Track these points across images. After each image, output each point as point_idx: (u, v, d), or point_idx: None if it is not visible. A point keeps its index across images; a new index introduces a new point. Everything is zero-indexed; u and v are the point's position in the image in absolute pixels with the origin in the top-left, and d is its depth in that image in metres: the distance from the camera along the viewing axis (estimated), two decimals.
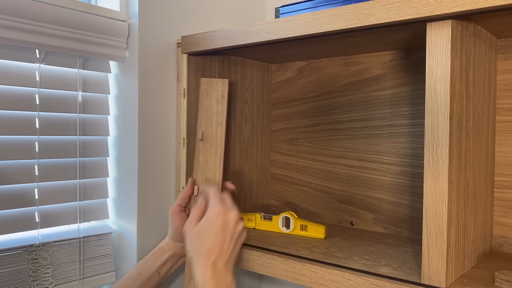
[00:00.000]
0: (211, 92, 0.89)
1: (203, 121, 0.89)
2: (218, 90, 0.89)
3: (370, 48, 0.95)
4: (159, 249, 0.88)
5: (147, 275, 0.85)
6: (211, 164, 0.87)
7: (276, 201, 1.19)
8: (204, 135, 0.88)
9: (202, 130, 0.88)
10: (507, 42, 0.84)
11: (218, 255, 0.73)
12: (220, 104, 0.88)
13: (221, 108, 0.88)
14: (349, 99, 1.04)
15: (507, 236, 0.84)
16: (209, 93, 0.89)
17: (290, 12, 0.87)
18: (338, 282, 0.73)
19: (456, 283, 0.67)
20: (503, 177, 0.84)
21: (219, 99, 0.88)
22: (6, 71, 0.82)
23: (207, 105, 0.89)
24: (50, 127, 0.89)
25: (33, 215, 0.87)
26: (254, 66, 1.13)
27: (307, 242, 0.90)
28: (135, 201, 0.94)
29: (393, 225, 0.98)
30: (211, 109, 0.89)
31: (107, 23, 0.92)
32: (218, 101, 0.88)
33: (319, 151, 1.10)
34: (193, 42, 0.93)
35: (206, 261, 0.72)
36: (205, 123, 0.89)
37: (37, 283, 0.86)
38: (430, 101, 0.65)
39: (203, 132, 0.88)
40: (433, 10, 0.62)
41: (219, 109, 0.88)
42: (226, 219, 0.76)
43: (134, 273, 0.85)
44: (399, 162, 0.97)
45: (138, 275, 0.84)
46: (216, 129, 0.88)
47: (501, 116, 0.84)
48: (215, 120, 0.88)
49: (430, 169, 0.65)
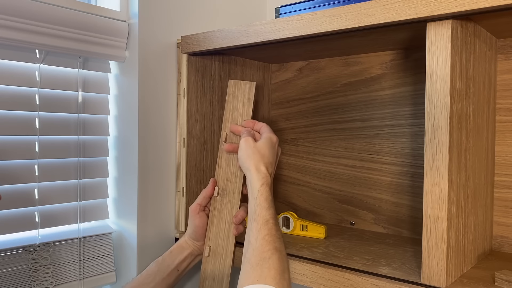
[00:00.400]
0: (238, 94, 0.90)
1: (228, 123, 0.89)
2: (245, 93, 0.90)
3: (370, 48, 0.95)
4: (178, 247, 0.89)
5: (166, 272, 0.86)
6: (233, 166, 0.88)
7: (276, 201, 1.19)
8: (228, 136, 0.88)
9: (226, 132, 0.89)
10: (507, 42, 0.84)
11: (273, 171, 0.82)
12: (246, 107, 0.89)
13: (246, 111, 0.89)
14: (349, 99, 1.04)
15: (507, 236, 0.84)
16: (236, 95, 0.90)
17: (290, 12, 0.87)
18: (338, 282, 0.73)
19: (456, 283, 0.67)
20: (503, 177, 0.84)
21: (245, 102, 0.89)
22: (6, 71, 0.82)
23: (233, 106, 0.90)
24: (50, 127, 0.89)
25: (33, 215, 0.87)
26: (254, 66, 1.13)
27: (307, 242, 0.90)
28: (135, 201, 0.94)
29: (393, 225, 0.98)
30: (237, 111, 0.89)
31: (107, 23, 0.92)
32: (244, 104, 0.89)
33: (319, 151, 1.10)
34: (193, 42, 0.93)
35: (266, 172, 0.79)
36: (230, 125, 0.89)
37: (37, 283, 0.86)
38: (430, 101, 0.65)
39: (227, 134, 0.89)
40: (433, 10, 0.62)
41: (245, 111, 0.89)
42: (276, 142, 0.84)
43: (153, 270, 0.86)
44: (399, 162, 0.97)
45: (157, 271, 0.85)
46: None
47: (501, 116, 0.84)
48: (240, 122, 0.89)
49: (430, 169, 0.65)
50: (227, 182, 0.87)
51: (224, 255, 0.85)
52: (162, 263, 0.86)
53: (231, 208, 0.86)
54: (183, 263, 0.88)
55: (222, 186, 0.88)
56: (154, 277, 0.85)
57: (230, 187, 0.87)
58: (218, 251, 0.85)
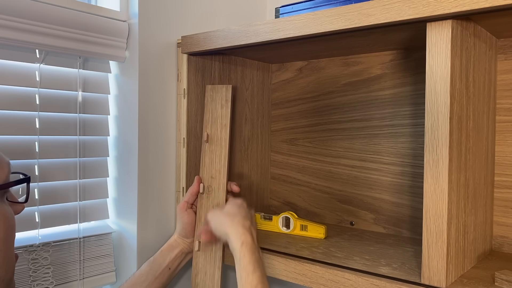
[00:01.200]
0: (216, 98, 0.95)
1: (208, 124, 0.94)
2: (222, 95, 0.94)
3: (370, 48, 0.95)
4: (168, 246, 0.91)
5: (158, 271, 0.87)
6: (216, 164, 0.91)
7: (276, 201, 1.19)
8: (210, 137, 0.93)
9: (207, 132, 0.93)
10: (507, 42, 0.84)
11: (251, 225, 0.80)
12: (224, 108, 0.93)
13: (225, 112, 0.93)
14: (349, 99, 1.04)
15: (507, 236, 0.84)
16: (214, 98, 0.95)
17: (290, 12, 0.87)
18: (338, 282, 0.73)
19: (456, 283, 0.67)
20: (503, 177, 0.84)
21: (223, 104, 0.94)
22: (6, 71, 0.82)
23: (212, 109, 0.94)
24: (50, 127, 0.89)
25: (33, 215, 0.87)
26: (254, 66, 1.13)
27: (307, 242, 0.90)
28: (135, 201, 0.94)
29: (393, 225, 0.98)
30: (216, 112, 0.94)
31: (107, 23, 0.92)
32: (222, 105, 0.94)
33: (319, 151, 1.10)
34: (193, 42, 0.93)
35: (243, 229, 0.78)
36: (210, 126, 0.93)
37: (37, 283, 0.86)
38: (430, 101, 0.65)
39: (208, 134, 0.93)
40: (433, 10, 0.62)
41: (223, 112, 0.93)
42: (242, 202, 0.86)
43: (145, 270, 0.87)
44: (399, 162, 0.97)
45: (149, 270, 0.87)
46: (220, 131, 0.92)
47: (501, 116, 0.84)
48: (219, 123, 0.93)
49: (430, 169, 0.65)
50: (212, 179, 0.91)
51: (214, 249, 0.88)
52: (153, 263, 0.88)
53: (217, 203, 0.90)
54: (174, 261, 0.89)
55: (207, 183, 0.91)
56: (147, 277, 0.86)
57: (215, 184, 0.91)
58: (208, 245, 0.88)
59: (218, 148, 0.92)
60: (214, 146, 0.92)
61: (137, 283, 0.86)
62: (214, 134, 0.93)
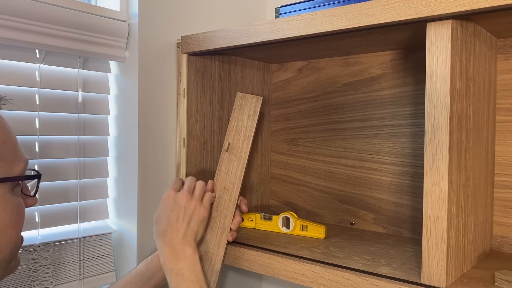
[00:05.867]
0: (244, 107, 0.92)
1: (232, 133, 0.91)
2: (251, 106, 0.92)
3: (370, 48, 0.95)
4: None
5: (155, 272, 0.85)
6: (232, 175, 0.89)
7: (276, 201, 1.19)
8: (230, 146, 0.90)
9: (229, 141, 0.91)
10: (507, 42, 0.84)
11: (173, 232, 0.77)
12: (251, 120, 0.91)
13: (251, 123, 0.91)
14: (349, 99, 1.04)
15: (507, 236, 0.84)
16: (242, 107, 0.92)
17: (290, 12, 0.87)
18: (338, 282, 0.73)
19: (456, 283, 0.67)
20: (503, 177, 0.84)
21: (250, 115, 0.91)
22: (6, 71, 0.82)
23: (238, 118, 0.92)
24: (50, 127, 0.89)
25: (33, 215, 0.87)
26: (254, 66, 1.13)
27: (307, 242, 0.90)
28: (135, 201, 0.94)
29: (393, 225, 0.98)
30: (242, 122, 0.91)
31: (107, 23, 0.92)
32: (249, 116, 0.91)
33: (319, 151, 1.10)
34: (193, 42, 0.93)
35: (163, 241, 0.77)
36: (233, 135, 0.91)
37: (37, 283, 0.86)
38: (430, 101, 0.65)
39: (230, 143, 0.90)
40: (433, 10, 0.62)
41: (249, 124, 0.91)
42: (176, 200, 0.80)
43: (141, 269, 0.86)
44: (399, 162, 0.97)
45: (145, 271, 0.85)
46: (242, 142, 0.90)
47: (501, 116, 0.84)
48: (243, 133, 0.91)
49: (430, 169, 0.65)
50: (224, 190, 0.89)
51: (213, 261, 0.85)
52: (150, 263, 0.86)
53: (225, 216, 0.87)
54: None
55: (219, 193, 0.89)
56: (142, 277, 0.84)
57: (227, 195, 0.88)
58: (208, 256, 0.85)
59: (237, 159, 0.90)
60: (233, 157, 0.90)
61: (132, 281, 0.84)
62: (235, 144, 0.90)
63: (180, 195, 0.81)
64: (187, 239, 0.78)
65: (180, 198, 0.81)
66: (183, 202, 0.80)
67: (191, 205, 0.80)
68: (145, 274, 0.85)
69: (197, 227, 0.80)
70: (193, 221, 0.79)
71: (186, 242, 0.77)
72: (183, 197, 0.80)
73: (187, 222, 0.79)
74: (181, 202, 0.80)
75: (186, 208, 0.80)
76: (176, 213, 0.79)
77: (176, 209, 0.80)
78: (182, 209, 0.79)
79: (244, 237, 0.93)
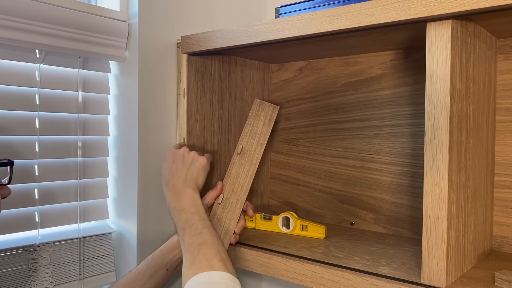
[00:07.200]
0: (261, 114, 0.95)
1: (246, 137, 0.93)
2: (267, 113, 0.95)
3: (370, 48, 0.95)
4: (169, 245, 0.88)
5: (156, 271, 0.86)
6: (242, 179, 0.91)
7: (276, 201, 1.19)
8: (243, 150, 0.92)
9: (243, 145, 0.92)
10: (507, 42, 0.84)
11: (174, 179, 0.85)
12: (266, 127, 0.94)
13: (265, 131, 0.93)
14: (349, 99, 1.04)
15: (507, 236, 0.84)
16: (259, 114, 0.95)
17: (290, 12, 0.87)
18: (338, 282, 0.73)
19: (456, 283, 0.67)
20: (503, 177, 0.84)
21: (266, 122, 0.94)
22: (6, 71, 0.82)
23: (254, 124, 0.94)
24: (50, 127, 0.89)
25: (33, 215, 0.87)
26: (254, 66, 1.13)
27: (307, 242, 0.90)
28: (135, 201, 0.94)
29: (393, 225, 0.98)
30: (257, 128, 0.93)
31: (107, 23, 0.92)
32: (265, 124, 0.94)
33: (319, 151, 1.10)
34: (193, 42, 0.93)
35: (167, 188, 0.85)
36: (247, 140, 0.93)
37: (37, 283, 0.86)
38: (430, 101, 0.65)
39: (243, 147, 0.92)
40: (433, 10, 0.62)
41: (264, 131, 0.93)
42: (177, 152, 0.89)
43: (142, 268, 0.86)
44: (399, 162, 0.97)
45: (146, 270, 0.86)
46: (255, 148, 0.92)
47: (501, 116, 0.84)
48: (257, 140, 0.93)
49: (430, 169, 0.65)
50: (232, 193, 0.90)
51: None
52: (151, 262, 0.86)
53: (230, 218, 0.88)
54: (173, 263, 0.87)
55: (227, 195, 0.90)
56: (143, 276, 0.85)
57: (234, 198, 0.89)
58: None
59: (248, 164, 0.91)
60: (244, 161, 0.91)
61: (133, 280, 0.85)
62: (248, 149, 0.92)
63: (181, 149, 0.89)
64: (187, 182, 0.85)
65: (180, 150, 0.89)
66: (183, 153, 0.88)
67: (190, 155, 0.87)
68: (146, 273, 0.85)
69: (196, 172, 0.86)
70: (192, 167, 0.86)
71: (187, 185, 0.84)
72: (183, 150, 0.89)
73: (187, 168, 0.86)
74: (181, 153, 0.88)
75: (185, 157, 0.87)
76: (177, 163, 0.87)
77: (176, 160, 0.87)
78: (181, 158, 0.87)
79: (244, 237, 0.93)
